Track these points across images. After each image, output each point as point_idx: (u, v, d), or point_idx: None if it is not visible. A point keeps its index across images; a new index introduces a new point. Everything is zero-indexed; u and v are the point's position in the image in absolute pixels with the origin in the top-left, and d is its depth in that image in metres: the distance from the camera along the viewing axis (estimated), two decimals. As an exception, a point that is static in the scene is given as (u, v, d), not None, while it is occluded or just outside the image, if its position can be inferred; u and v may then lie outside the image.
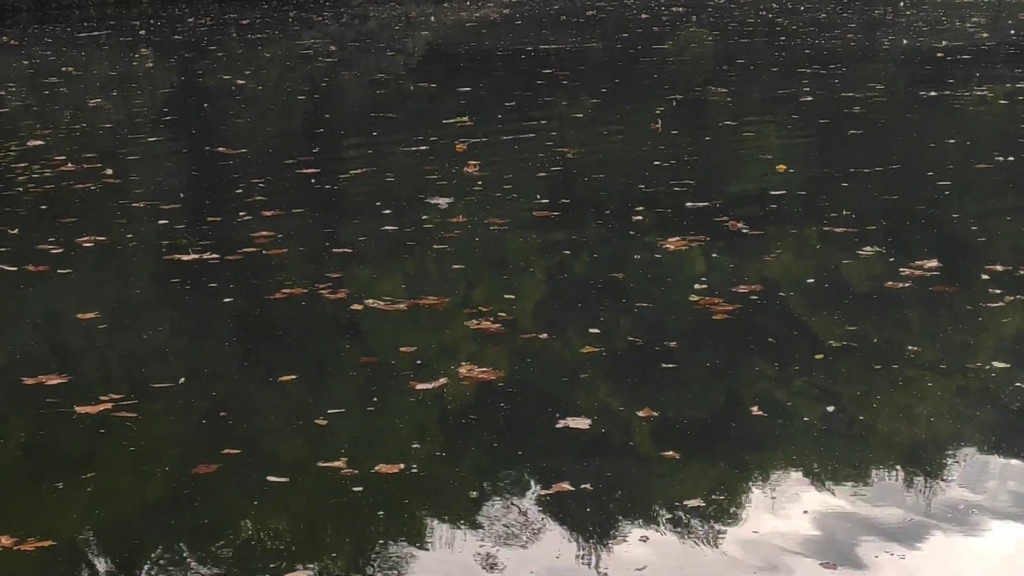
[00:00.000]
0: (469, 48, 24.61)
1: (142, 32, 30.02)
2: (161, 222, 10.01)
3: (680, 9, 29.71)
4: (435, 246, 9.08)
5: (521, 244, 9.23)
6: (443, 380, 6.46)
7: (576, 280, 8.42)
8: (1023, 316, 7.21)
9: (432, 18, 32.10)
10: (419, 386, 6.41)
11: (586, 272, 8.55)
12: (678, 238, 8.93)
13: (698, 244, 8.82)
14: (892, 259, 8.33)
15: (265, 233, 9.47)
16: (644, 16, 28.37)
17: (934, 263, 8.08)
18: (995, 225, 9.27)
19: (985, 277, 7.84)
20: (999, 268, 7.98)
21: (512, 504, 5.28)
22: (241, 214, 10.19)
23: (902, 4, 28.83)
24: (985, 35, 21.60)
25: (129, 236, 9.64)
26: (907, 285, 7.75)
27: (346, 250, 9.08)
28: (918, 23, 24.13)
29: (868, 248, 8.56)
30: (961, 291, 7.61)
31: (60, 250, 9.20)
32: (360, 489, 5.34)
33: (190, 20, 32.62)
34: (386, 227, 9.68)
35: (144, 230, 9.85)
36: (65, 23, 33.12)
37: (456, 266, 8.58)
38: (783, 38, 22.53)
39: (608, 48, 23.26)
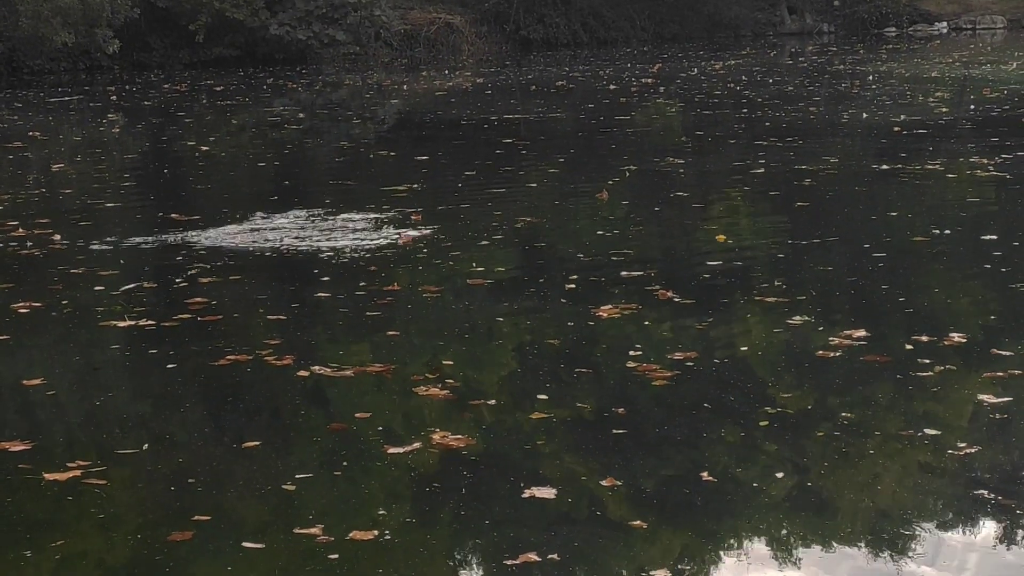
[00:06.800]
0: (435, 116, 24.78)
1: (113, 98, 30.19)
2: (97, 288, 10.02)
3: (649, 80, 29.97)
4: (368, 313, 9.13)
5: (454, 312, 9.27)
6: (409, 447, 6.51)
7: (514, 347, 8.48)
8: (951, 385, 7.31)
9: (404, 87, 32.37)
10: (391, 450, 6.48)
11: (521, 339, 8.61)
12: (610, 306, 8.98)
13: (630, 312, 8.87)
14: (821, 328, 8.44)
15: (199, 299, 9.49)
16: (613, 87, 28.64)
17: (862, 332, 8.18)
18: (922, 297, 9.37)
19: (909, 347, 7.91)
20: (924, 339, 8.08)
21: (482, 574, 5.36)
22: (177, 280, 10.23)
23: (870, 78, 29.12)
24: (945, 110, 21.84)
25: (64, 302, 9.64)
26: (837, 354, 7.84)
27: (280, 317, 9.11)
28: (882, 97, 24.40)
29: (797, 317, 8.65)
30: (890, 360, 7.67)
31: (-5, 316, 9.21)
32: (336, 556, 5.37)
33: (165, 86, 32.83)
34: (320, 294, 9.72)
35: (79, 296, 9.85)
36: (37, 88, 33.32)
37: (391, 332, 8.62)
38: (746, 110, 22.76)
39: (573, 118, 23.48)
